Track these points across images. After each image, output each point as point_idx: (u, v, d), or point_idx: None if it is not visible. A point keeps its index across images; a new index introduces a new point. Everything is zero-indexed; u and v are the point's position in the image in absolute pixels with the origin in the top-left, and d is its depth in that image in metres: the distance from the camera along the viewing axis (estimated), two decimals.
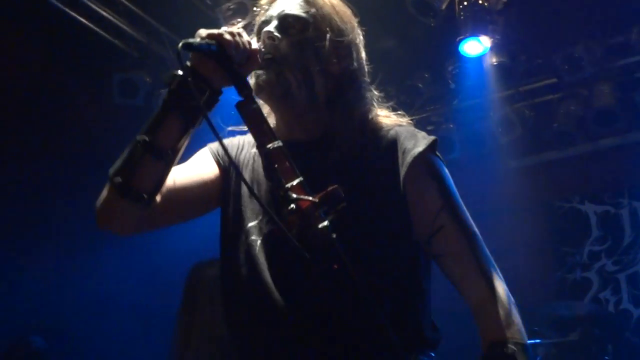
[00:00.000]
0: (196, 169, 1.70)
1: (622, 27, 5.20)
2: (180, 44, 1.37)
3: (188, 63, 1.43)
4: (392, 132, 1.69)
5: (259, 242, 1.60)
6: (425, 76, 5.88)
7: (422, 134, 1.69)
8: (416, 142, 1.64)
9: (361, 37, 1.77)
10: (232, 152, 1.76)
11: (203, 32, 1.43)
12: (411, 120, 1.83)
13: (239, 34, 1.47)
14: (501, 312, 1.55)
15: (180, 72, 1.41)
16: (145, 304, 4.99)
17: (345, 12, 1.74)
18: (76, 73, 5.24)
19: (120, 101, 5.23)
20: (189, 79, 1.39)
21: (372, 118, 1.72)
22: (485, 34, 5.00)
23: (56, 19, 4.70)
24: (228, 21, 4.85)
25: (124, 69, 5.24)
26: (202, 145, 1.78)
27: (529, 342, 1.58)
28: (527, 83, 5.75)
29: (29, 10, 4.67)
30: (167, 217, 1.64)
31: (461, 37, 5.04)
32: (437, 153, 1.68)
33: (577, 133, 5.65)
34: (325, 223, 1.30)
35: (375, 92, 1.77)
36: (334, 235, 1.30)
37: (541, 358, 4.64)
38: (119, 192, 1.44)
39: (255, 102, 1.47)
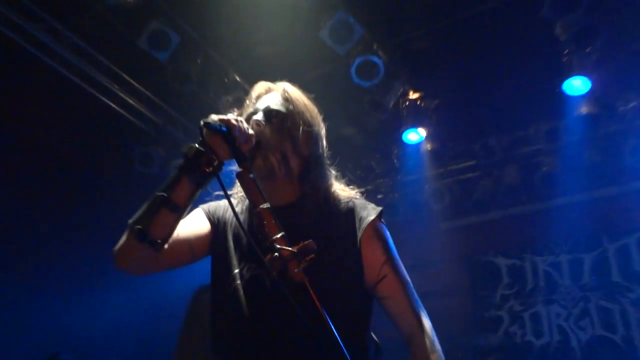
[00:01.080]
0: (193, 224, 1.70)
1: (523, 124, 5.31)
2: (202, 122, 1.41)
3: (201, 139, 1.44)
4: (350, 203, 1.72)
5: (241, 285, 1.60)
6: (376, 156, 5.96)
7: (372, 205, 1.75)
8: (369, 212, 1.69)
9: (324, 129, 1.79)
10: (221, 211, 1.77)
11: (215, 116, 1.46)
12: (364, 190, 1.87)
13: (242, 121, 1.50)
14: (427, 341, 1.60)
15: (197, 145, 1.44)
16: (148, 329, 4.82)
17: (314, 109, 1.78)
18: (107, 147, 5.19)
19: (140, 169, 5.18)
20: (204, 150, 1.42)
21: (332, 190, 1.75)
22: (422, 126, 5.13)
23: (92, 104, 4.68)
24: (227, 110, 4.89)
25: (143, 144, 5.19)
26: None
27: None
28: (453, 164, 5.81)
29: (69, 97, 4.66)
30: (169, 261, 1.61)
31: (404, 128, 5.15)
32: (382, 220, 1.72)
33: (491, 203, 5.68)
34: (300, 267, 1.30)
35: (333, 171, 1.80)
36: (306, 277, 1.30)
37: None
38: (138, 237, 1.43)
39: (252, 173, 1.47)
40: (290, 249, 1.32)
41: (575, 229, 5.26)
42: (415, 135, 5.19)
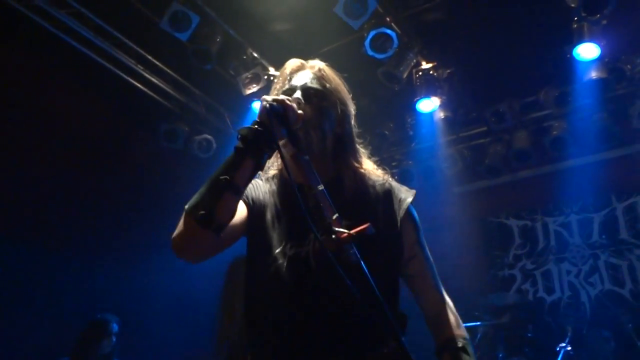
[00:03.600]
0: None
1: (534, 89, 5.35)
2: (265, 103, 1.40)
3: (258, 119, 1.40)
4: (386, 184, 1.72)
5: (285, 264, 1.54)
6: (390, 125, 6.03)
7: (405, 187, 1.76)
8: (406, 195, 1.71)
9: (354, 108, 1.76)
10: (255, 191, 1.70)
11: (269, 97, 1.43)
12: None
13: (292, 101, 1.47)
14: (452, 317, 1.65)
15: (255, 126, 1.39)
16: (187, 295, 5.02)
17: (345, 88, 1.75)
18: (135, 123, 5.35)
19: (164, 145, 5.33)
20: (262, 130, 1.38)
21: (365, 169, 1.73)
22: (435, 95, 5.18)
23: (119, 85, 4.81)
24: (246, 87, 4.98)
25: (168, 121, 5.30)
26: None
27: (472, 324, 1.67)
28: (465, 130, 5.87)
29: (97, 78, 4.80)
30: (222, 245, 1.53)
31: (417, 97, 5.19)
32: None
33: (502, 167, 5.73)
34: (353, 251, 1.30)
35: (363, 150, 1.77)
36: (361, 262, 1.30)
37: (481, 336, 4.67)
38: (202, 223, 1.36)
39: (306, 154, 1.42)
40: (348, 231, 1.29)
41: (585, 190, 5.33)
42: (428, 104, 5.24)
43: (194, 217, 1.37)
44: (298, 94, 1.59)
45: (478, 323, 4.65)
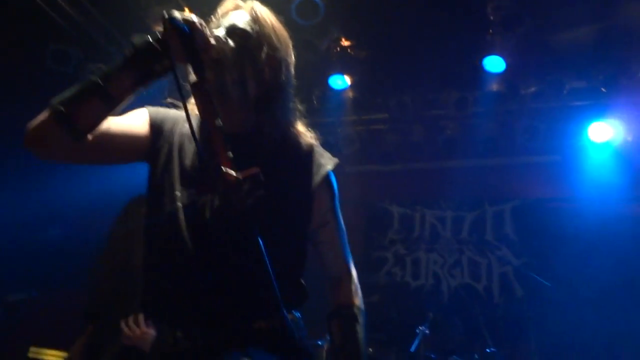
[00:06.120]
0: (130, 123, 1.50)
1: (438, 88, 5.49)
2: (167, 15, 1.25)
3: (158, 35, 1.26)
4: (309, 147, 1.64)
5: (182, 208, 1.44)
6: (299, 95, 5.89)
7: (329, 154, 1.71)
8: (326, 161, 1.66)
9: (293, 58, 1.63)
10: (169, 122, 1.57)
11: (178, 13, 1.28)
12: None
13: (205, 27, 1.35)
14: (353, 286, 1.68)
15: (151, 39, 1.26)
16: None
17: (284, 34, 1.61)
18: (15, 40, 4.65)
19: (52, 67, 4.69)
20: (157, 46, 1.25)
21: (292, 127, 1.63)
22: (348, 74, 5.16)
23: None
24: (156, 24, 4.54)
25: (58, 41, 4.65)
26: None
27: None
28: (367, 114, 5.87)
29: None
30: (93, 156, 1.43)
31: (331, 72, 5.15)
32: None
33: (395, 155, 5.87)
34: (245, 200, 1.22)
35: (298, 106, 1.67)
36: (250, 209, 1.22)
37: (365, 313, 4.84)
38: (57, 119, 1.25)
39: (207, 85, 1.29)
40: (235, 174, 1.21)
41: (463, 190, 5.67)
42: (340, 81, 5.21)
43: (52, 108, 1.27)
44: (221, 32, 1.46)
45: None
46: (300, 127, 1.68)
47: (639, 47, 4.55)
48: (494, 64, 4.71)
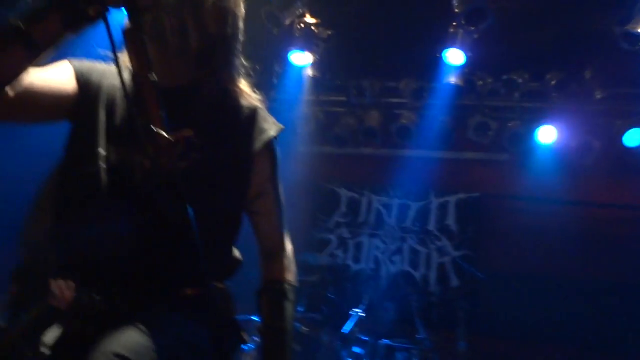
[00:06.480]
0: (55, 77, 1.33)
1: (398, 76, 5.53)
2: None
3: None
4: (252, 110, 1.51)
5: (106, 168, 1.32)
6: (257, 68, 5.76)
7: (274, 120, 1.57)
8: (270, 127, 1.52)
9: (243, 11, 1.48)
10: (96, 75, 1.41)
11: None
12: None
13: None
14: (286, 261, 1.59)
15: None
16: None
17: None
18: None
19: None
20: None
21: (236, 85, 1.50)
22: (310, 52, 5.08)
23: None
24: None
25: None
26: None
27: None
28: (326, 95, 5.86)
29: None
30: (14, 113, 1.26)
31: (292, 48, 5.06)
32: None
33: (349, 139, 5.87)
34: (176, 163, 1.11)
35: (244, 62, 1.53)
36: (180, 176, 1.12)
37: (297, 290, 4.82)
38: None
39: (143, 33, 1.13)
40: (166, 134, 1.10)
41: (412, 180, 5.73)
42: (301, 58, 5.13)
43: None
44: None
45: None
46: (245, 87, 1.54)
47: (591, 55, 4.69)
48: (454, 57, 4.74)
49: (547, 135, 5.25)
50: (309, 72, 5.36)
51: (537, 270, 5.17)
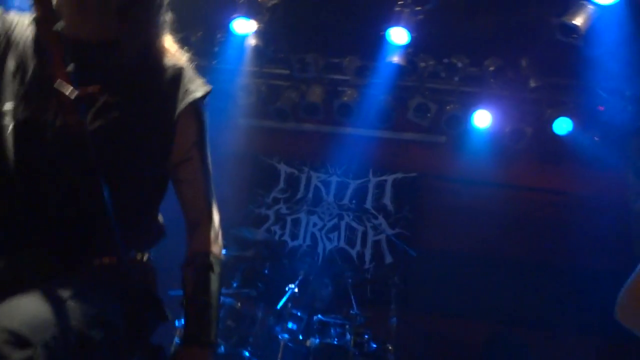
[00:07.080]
0: None
1: (342, 53, 5.47)
2: None
3: None
4: (178, 69, 1.41)
5: (10, 126, 1.22)
6: (198, 34, 5.53)
7: (202, 80, 1.48)
8: (197, 87, 1.43)
9: None
10: (11, 26, 1.32)
11: None
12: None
13: None
14: (212, 233, 1.48)
15: None
16: None
17: None
18: None
19: None
20: None
21: (159, 41, 1.40)
22: (254, 19, 4.91)
23: None
24: None
25: None
26: None
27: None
28: (269, 67, 5.71)
29: None
30: None
31: (235, 15, 4.88)
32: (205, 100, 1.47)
33: (290, 113, 5.79)
34: (85, 122, 1.05)
35: (168, 21, 1.43)
36: (92, 136, 1.07)
37: (223, 262, 4.74)
38: None
39: None
40: (71, 91, 1.03)
41: (351, 157, 5.75)
42: (243, 26, 4.95)
43: None
44: None
45: (223, 251, 4.67)
46: (171, 45, 1.45)
47: (529, 44, 4.82)
48: (398, 36, 4.73)
49: (483, 119, 5.39)
50: (252, 40, 5.17)
51: (467, 249, 5.34)
